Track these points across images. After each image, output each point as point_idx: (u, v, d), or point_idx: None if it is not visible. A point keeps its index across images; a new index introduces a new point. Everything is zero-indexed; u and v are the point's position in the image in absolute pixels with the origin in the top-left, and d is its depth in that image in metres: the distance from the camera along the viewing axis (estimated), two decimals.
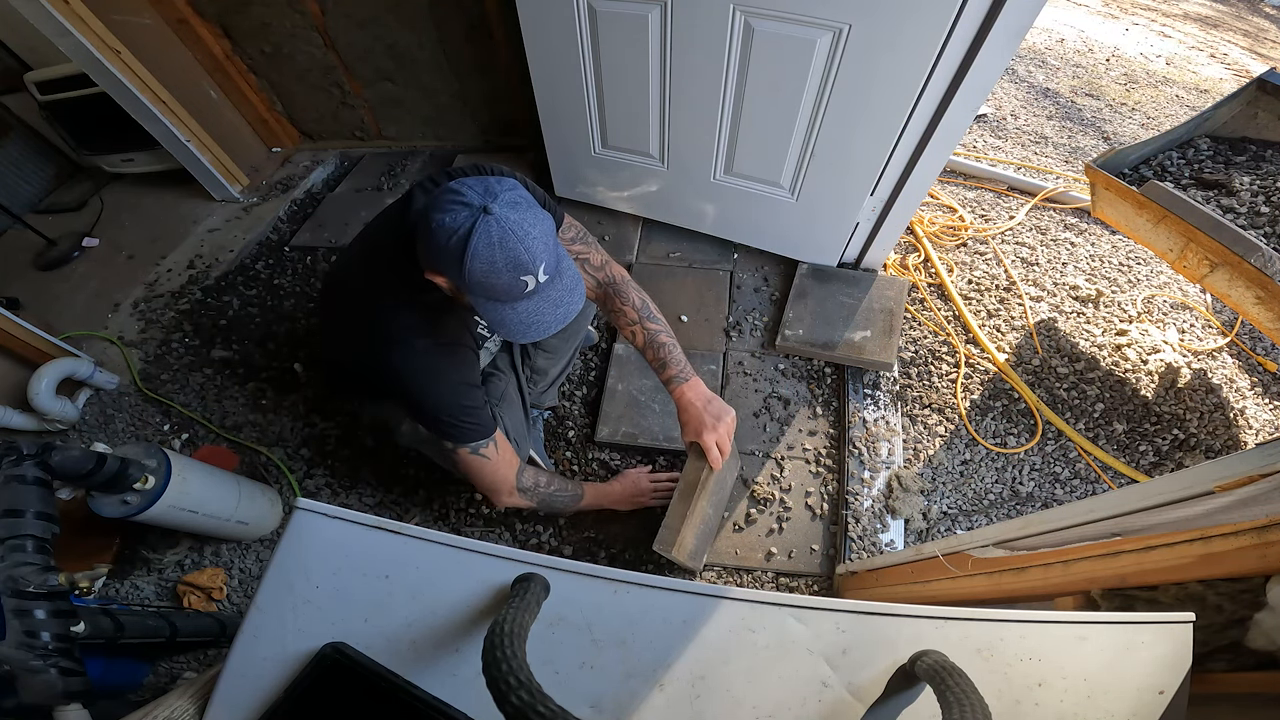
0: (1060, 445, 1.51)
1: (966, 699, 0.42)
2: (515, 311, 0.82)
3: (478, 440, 1.00)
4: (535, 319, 0.83)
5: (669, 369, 1.11)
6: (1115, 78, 3.10)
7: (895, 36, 1.16)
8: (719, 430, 1.10)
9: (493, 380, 1.37)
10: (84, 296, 2.04)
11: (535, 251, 0.77)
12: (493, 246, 0.74)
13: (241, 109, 2.28)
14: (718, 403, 1.12)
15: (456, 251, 0.75)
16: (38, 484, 0.90)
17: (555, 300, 0.84)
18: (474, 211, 0.74)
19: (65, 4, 1.66)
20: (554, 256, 0.82)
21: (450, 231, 0.75)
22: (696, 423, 1.10)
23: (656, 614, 0.56)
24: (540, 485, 1.13)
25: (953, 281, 1.85)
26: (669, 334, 1.12)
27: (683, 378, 1.12)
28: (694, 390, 1.12)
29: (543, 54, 1.57)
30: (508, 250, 0.75)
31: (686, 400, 1.11)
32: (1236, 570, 0.54)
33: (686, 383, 1.12)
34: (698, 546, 1.19)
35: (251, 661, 0.56)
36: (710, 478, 1.14)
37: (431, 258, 0.80)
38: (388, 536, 0.58)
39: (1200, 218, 1.28)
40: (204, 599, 1.36)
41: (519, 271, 0.77)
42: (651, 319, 1.12)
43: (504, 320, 0.82)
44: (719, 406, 1.12)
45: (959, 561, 0.88)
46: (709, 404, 1.11)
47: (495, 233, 0.74)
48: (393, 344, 0.91)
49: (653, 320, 1.12)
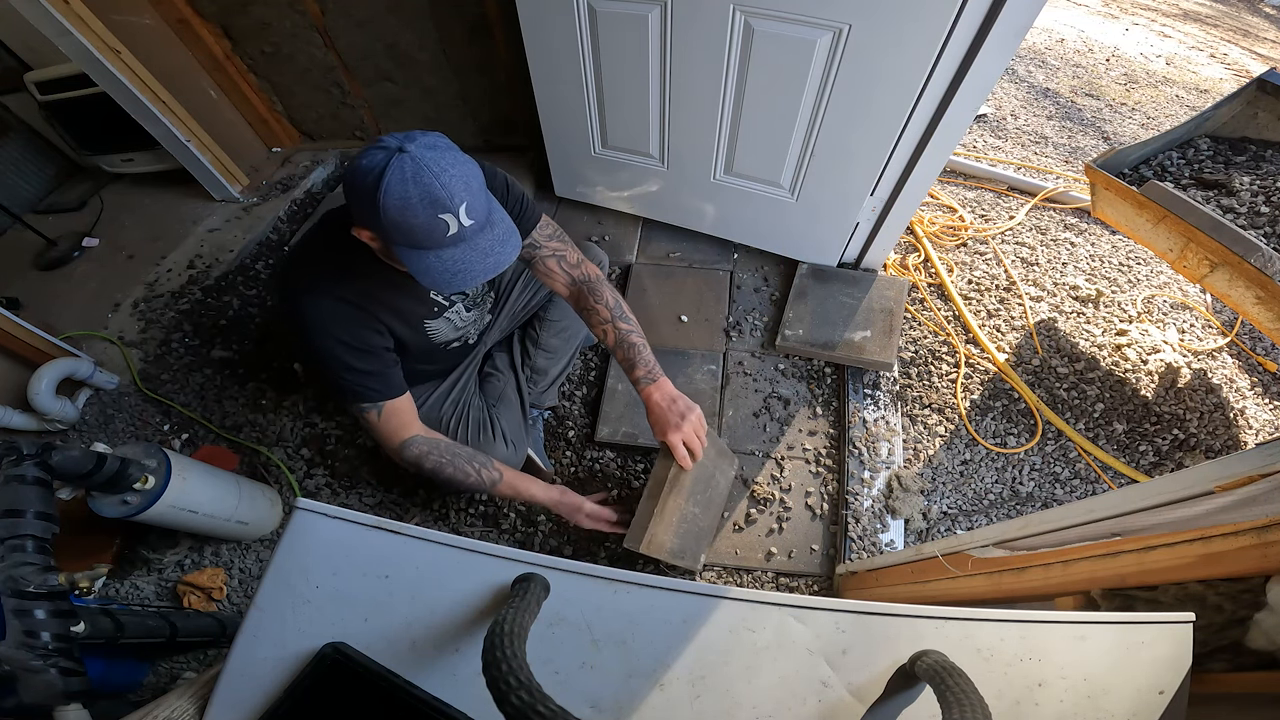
0: (1060, 445, 1.51)
1: (966, 699, 0.42)
2: (440, 260, 0.79)
3: (361, 404, 0.99)
4: (462, 267, 0.80)
5: (637, 369, 1.13)
6: (1115, 78, 3.10)
7: (895, 36, 1.16)
8: (684, 428, 1.11)
9: (491, 380, 1.37)
10: (84, 296, 2.04)
11: (453, 189, 0.75)
12: (406, 181, 0.73)
13: (241, 109, 2.28)
14: (683, 401, 1.13)
15: (371, 189, 0.73)
16: (38, 484, 0.90)
17: (485, 250, 0.82)
18: (389, 151, 0.74)
19: (65, 4, 1.66)
20: (482, 203, 0.80)
21: (366, 172, 0.74)
22: (661, 422, 1.12)
23: (656, 614, 0.56)
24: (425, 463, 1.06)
25: (953, 281, 1.85)
26: (640, 335, 1.14)
27: (650, 378, 1.13)
28: (660, 390, 1.13)
29: (543, 54, 1.57)
30: (422, 185, 0.73)
31: (653, 400, 1.12)
32: (1236, 570, 0.54)
33: (654, 383, 1.13)
34: (680, 545, 1.19)
35: (251, 661, 0.56)
36: (682, 475, 1.15)
37: (354, 204, 0.79)
38: (388, 536, 0.58)
39: (1200, 218, 1.28)
40: (204, 599, 1.36)
41: (436, 209, 0.75)
42: (623, 319, 1.13)
43: (429, 269, 0.80)
44: (684, 404, 1.13)
45: (959, 561, 0.88)
46: (674, 403, 1.12)
47: (409, 168, 0.73)
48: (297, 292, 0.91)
49: (624, 320, 1.13)
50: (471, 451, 1.10)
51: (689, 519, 1.21)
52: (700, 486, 1.24)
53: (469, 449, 1.10)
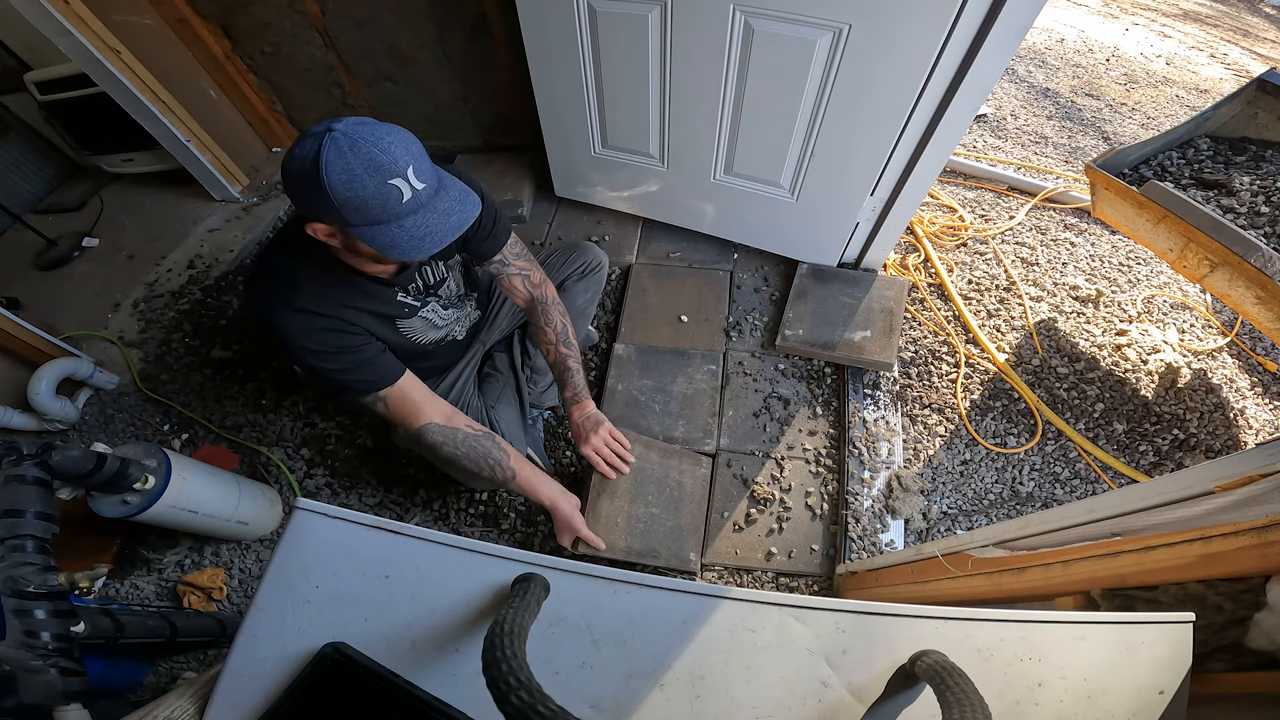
0: (1060, 445, 1.51)
1: (966, 699, 0.42)
2: (402, 229, 0.78)
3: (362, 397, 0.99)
4: (426, 231, 0.80)
5: (567, 390, 1.28)
6: (1115, 78, 3.10)
7: (895, 36, 1.16)
8: (593, 440, 1.28)
9: (491, 380, 1.37)
10: (84, 296, 2.04)
11: (394, 153, 0.75)
12: (344, 154, 0.72)
13: (241, 109, 2.28)
14: (594, 416, 1.30)
15: (311, 173, 0.72)
16: (38, 484, 0.90)
17: (445, 211, 0.81)
18: (318, 136, 0.73)
19: (65, 4, 1.66)
20: (428, 167, 0.80)
21: (301, 159, 0.73)
22: (577, 436, 1.30)
23: (656, 614, 0.55)
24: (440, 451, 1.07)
25: (953, 281, 1.85)
26: (576, 360, 1.27)
27: (576, 399, 1.29)
28: (580, 410, 1.29)
29: (543, 54, 1.57)
30: (361, 154, 0.72)
31: (574, 418, 1.30)
32: (1236, 570, 0.54)
33: (578, 404, 1.29)
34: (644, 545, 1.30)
35: (251, 661, 0.56)
36: (612, 481, 1.33)
37: (299, 199, 0.78)
38: (388, 536, 0.58)
39: (1200, 218, 1.28)
40: (204, 599, 1.36)
41: (383, 174, 0.74)
42: (566, 344, 1.25)
43: (394, 241, 0.78)
44: (594, 420, 1.30)
45: (959, 561, 0.88)
46: (587, 419, 1.29)
47: (343, 142, 0.72)
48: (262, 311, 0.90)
49: (566, 345, 1.25)
50: (488, 446, 1.11)
51: (644, 519, 1.32)
52: (652, 488, 1.36)
53: (487, 442, 1.11)
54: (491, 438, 1.12)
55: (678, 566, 1.30)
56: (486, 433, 1.12)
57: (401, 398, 1.01)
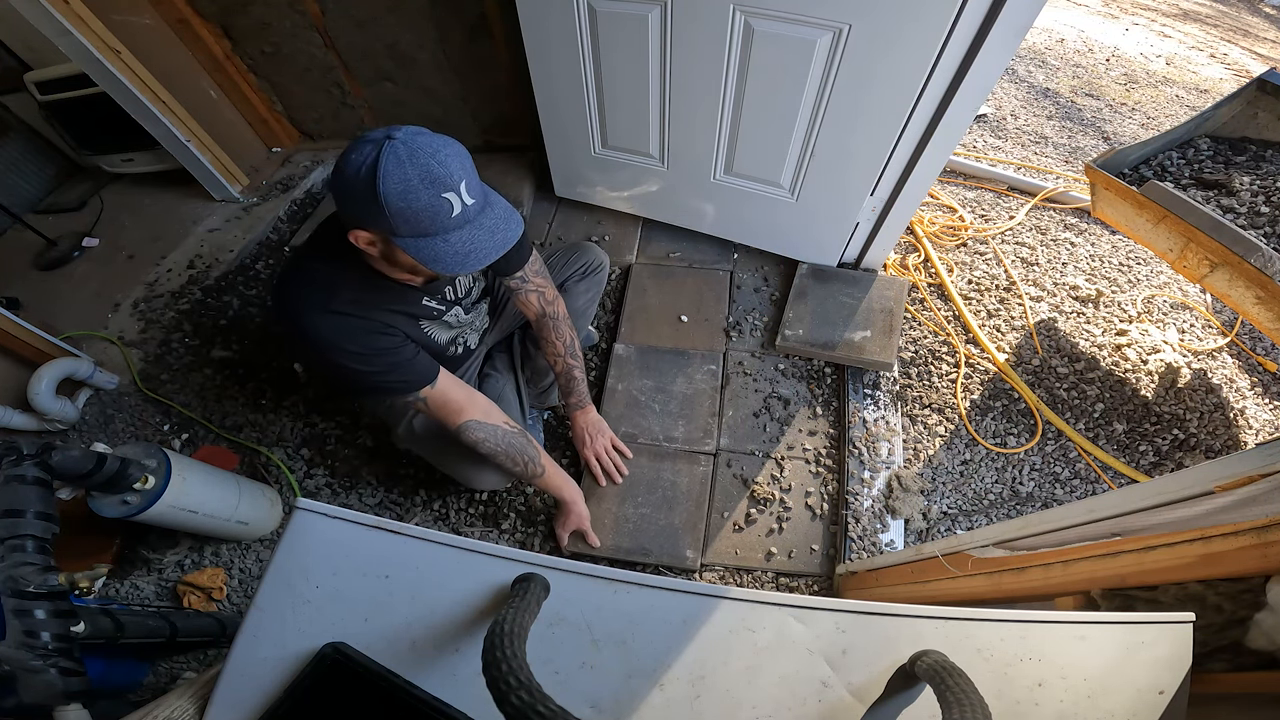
0: (1060, 445, 1.51)
1: (966, 699, 0.42)
2: (449, 243, 0.78)
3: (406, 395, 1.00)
4: (472, 247, 0.80)
5: (572, 396, 1.35)
6: (1115, 78, 3.10)
7: (895, 36, 1.16)
8: (595, 446, 1.39)
9: (490, 381, 1.38)
10: (84, 296, 2.04)
11: (450, 166, 0.75)
12: (402, 163, 0.72)
13: (241, 109, 2.28)
14: (597, 422, 1.41)
15: (367, 180, 0.72)
16: (38, 484, 0.90)
17: (490, 229, 0.81)
18: (377, 142, 0.73)
19: (65, 4, 1.66)
20: (477, 185, 0.80)
21: (358, 165, 0.73)
22: (579, 441, 1.40)
23: (656, 614, 0.55)
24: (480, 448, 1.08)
25: (953, 281, 1.85)
26: (581, 370, 1.33)
27: (579, 405, 1.37)
28: (583, 415, 1.38)
29: (543, 54, 1.57)
30: (419, 164, 0.72)
31: (577, 423, 1.39)
32: (1236, 570, 0.54)
33: (581, 409, 1.37)
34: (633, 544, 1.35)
35: (251, 661, 0.56)
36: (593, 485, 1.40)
37: (348, 205, 0.77)
38: (388, 536, 0.58)
39: (1200, 218, 1.28)
40: (204, 599, 1.36)
41: (438, 188, 0.74)
42: (573, 356, 1.30)
43: (439, 254, 0.78)
44: (596, 426, 1.40)
45: (959, 561, 0.88)
46: (589, 426, 1.39)
47: (403, 151, 0.72)
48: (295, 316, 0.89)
49: (573, 357, 1.30)
50: (523, 444, 1.14)
51: (633, 519, 1.37)
52: (644, 489, 1.41)
53: (520, 440, 1.13)
54: (525, 434, 1.15)
55: (672, 564, 1.31)
56: (520, 429, 1.14)
57: (442, 395, 1.02)
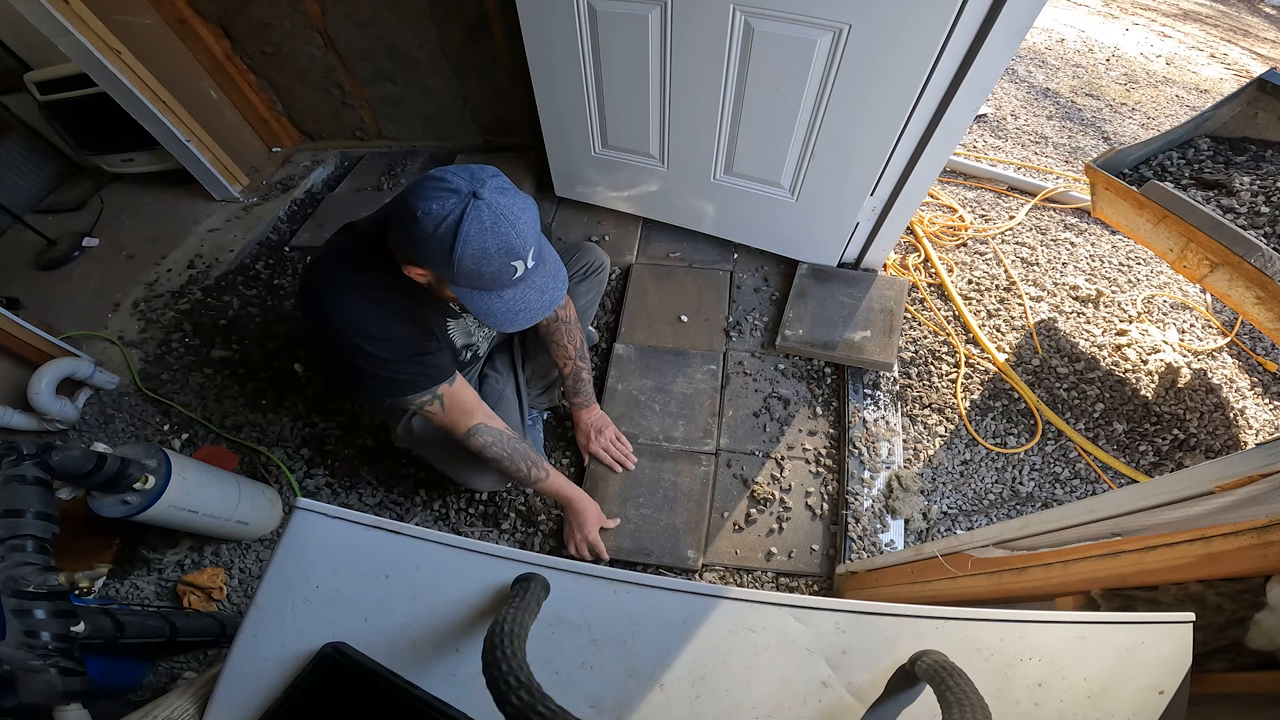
0: (1060, 445, 1.51)
1: (966, 699, 0.42)
2: (502, 300, 0.80)
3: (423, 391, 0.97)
4: (523, 306, 0.81)
5: (578, 396, 1.40)
6: (1115, 78, 3.10)
7: (895, 36, 1.16)
8: (600, 440, 1.42)
9: (490, 381, 1.38)
10: (84, 296, 2.04)
11: (526, 236, 0.76)
12: (485, 232, 0.72)
13: (241, 109, 2.28)
14: (600, 418, 1.44)
15: (446, 239, 0.72)
16: (38, 484, 0.90)
17: (541, 287, 0.83)
18: (463, 198, 0.72)
19: (65, 4, 1.66)
20: (541, 243, 0.81)
21: (438, 219, 0.72)
22: (583, 436, 1.43)
23: (656, 614, 0.55)
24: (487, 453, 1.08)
25: (953, 281, 1.85)
26: (588, 372, 1.39)
27: (584, 404, 1.41)
28: (587, 413, 1.42)
29: (543, 54, 1.57)
30: (500, 235, 0.73)
31: (581, 421, 1.43)
32: (1236, 570, 0.54)
33: (586, 408, 1.42)
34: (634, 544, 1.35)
35: (251, 661, 0.56)
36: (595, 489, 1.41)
37: (413, 248, 0.77)
38: (388, 536, 0.58)
39: (1200, 218, 1.28)
40: (204, 599, 1.36)
41: (510, 257, 0.75)
42: (581, 358, 1.34)
43: (491, 309, 0.80)
44: (600, 422, 1.44)
45: (959, 562, 0.88)
46: (593, 423, 1.42)
47: (487, 218, 0.72)
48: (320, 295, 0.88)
49: (581, 359, 1.35)
50: (527, 449, 1.15)
51: (635, 520, 1.38)
52: (645, 490, 1.41)
53: (521, 445, 1.14)
54: (524, 441, 1.16)
55: (673, 564, 1.31)
56: (518, 435, 1.15)
57: (456, 396, 1.02)
